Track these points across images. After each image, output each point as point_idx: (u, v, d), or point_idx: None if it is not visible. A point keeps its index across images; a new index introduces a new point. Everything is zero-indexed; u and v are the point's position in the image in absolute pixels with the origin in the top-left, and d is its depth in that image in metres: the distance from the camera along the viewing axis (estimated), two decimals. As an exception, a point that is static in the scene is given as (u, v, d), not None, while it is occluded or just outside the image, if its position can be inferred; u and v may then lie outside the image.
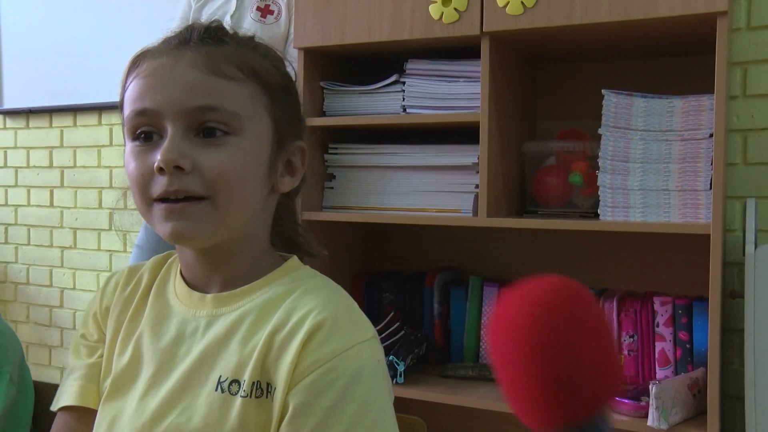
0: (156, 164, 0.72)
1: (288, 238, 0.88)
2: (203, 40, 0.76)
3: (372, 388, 0.71)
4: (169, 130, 0.73)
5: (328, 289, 0.79)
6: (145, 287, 0.85)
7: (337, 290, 0.80)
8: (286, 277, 0.80)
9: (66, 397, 0.83)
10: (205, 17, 1.96)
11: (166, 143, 0.72)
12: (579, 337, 0.46)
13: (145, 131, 0.74)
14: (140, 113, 0.74)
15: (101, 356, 0.84)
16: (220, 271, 0.80)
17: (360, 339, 0.73)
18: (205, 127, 0.73)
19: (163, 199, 0.73)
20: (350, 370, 0.71)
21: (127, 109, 0.75)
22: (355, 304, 0.78)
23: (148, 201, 0.74)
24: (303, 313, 0.74)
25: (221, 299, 0.79)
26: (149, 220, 0.75)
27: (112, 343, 0.83)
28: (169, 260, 0.87)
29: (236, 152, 0.74)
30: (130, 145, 0.76)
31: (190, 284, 0.82)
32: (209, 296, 0.79)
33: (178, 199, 0.72)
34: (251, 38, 0.82)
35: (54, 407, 0.84)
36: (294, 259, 0.83)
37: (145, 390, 0.78)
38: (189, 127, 0.73)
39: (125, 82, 0.77)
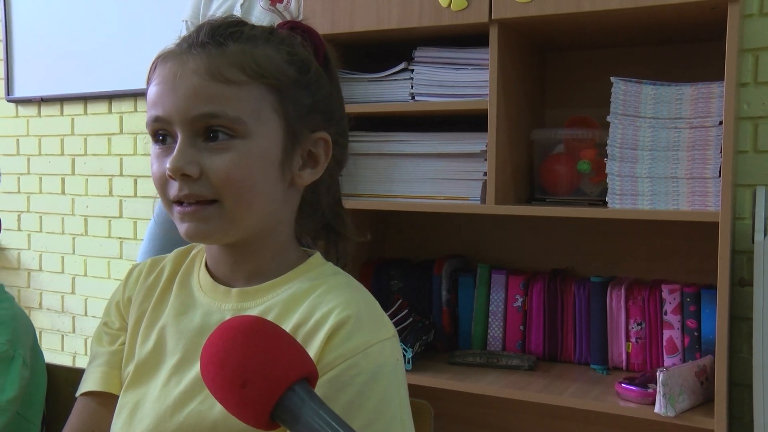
0: (166, 172, 0.75)
1: (325, 224, 0.88)
2: (206, 44, 0.76)
3: (391, 386, 0.73)
4: (179, 136, 0.75)
5: (351, 287, 0.80)
6: (167, 277, 0.87)
7: (359, 288, 0.81)
8: (310, 273, 0.81)
9: (89, 383, 0.85)
10: (216, 5, 1.96)
11: (174, 151, 0.74)
12: (241, 350, 0.59)
13: (162, 134, 0.77)
14: (155, 120, 0.76)
15: (123, 344, 0.86)
16: (244, 265, 0.81)
17: (382, 337, 0.74)
18: (211, 132, 0.74)
19: (178, 202, 0.76)
20: (371, 366, 0.72)
21: (147, 114, 0.78)
22: (377, 303, 0.79)
23: (167, 201, 0.77)
24: (327, 309, 0.75)
25: (246, 294, 0.80)
26: (171, 217, 0.79)
27: (135, 330, 0.85)
28: (193, 252, 0.89)
29: (241, 156, 0.74)
30: (152, 146, 0.78)
31: (215, 277, 0.83)
32: (235, 290, 0.80)
33: (190, 203, 0.75)
34: (265, 30, 0.80)
35: (78, 393, 0.86)
36: (317, 256, 0.84)
37: (169, 377, 0.79)
38: (196, 132, 0.74)
39: (148, 85, 0.79)
